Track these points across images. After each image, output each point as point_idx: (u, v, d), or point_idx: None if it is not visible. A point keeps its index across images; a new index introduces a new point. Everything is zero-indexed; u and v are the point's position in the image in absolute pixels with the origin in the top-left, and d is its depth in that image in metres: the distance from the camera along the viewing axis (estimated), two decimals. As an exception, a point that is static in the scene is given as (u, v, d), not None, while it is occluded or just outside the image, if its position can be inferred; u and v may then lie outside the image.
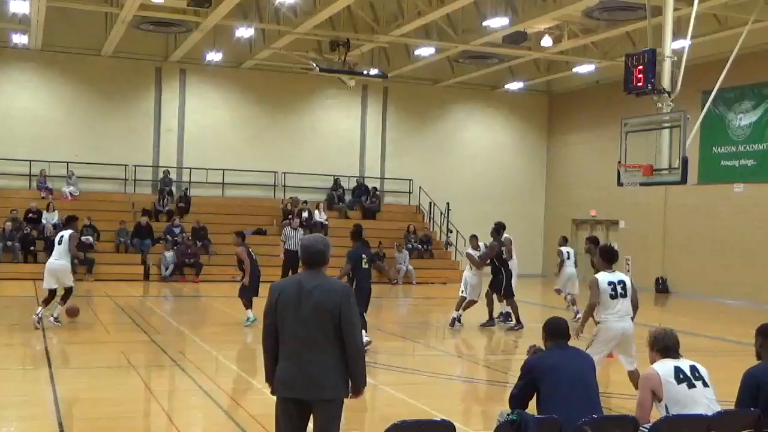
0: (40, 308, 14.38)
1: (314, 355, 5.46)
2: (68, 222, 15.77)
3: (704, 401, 5.99)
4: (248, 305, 15.56)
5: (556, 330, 6.53)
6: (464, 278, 16.36)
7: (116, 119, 28.26)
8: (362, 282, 12.65)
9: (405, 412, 8.73)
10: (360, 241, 13.33)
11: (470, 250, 16.79)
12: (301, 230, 22.04)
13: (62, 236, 14.79)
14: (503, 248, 16.14)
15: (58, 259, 14.58)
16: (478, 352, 14.70)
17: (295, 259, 21.26)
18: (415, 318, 18.70)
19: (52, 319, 14.51)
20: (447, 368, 12.62)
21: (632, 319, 9.10)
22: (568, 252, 18.10)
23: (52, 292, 14.66)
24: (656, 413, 6.09)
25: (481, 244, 16.83)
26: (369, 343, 12.36)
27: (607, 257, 9.32)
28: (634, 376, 9.28)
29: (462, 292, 16.24)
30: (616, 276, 9.12)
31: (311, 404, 5.50)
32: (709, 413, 5.87)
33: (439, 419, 5.72)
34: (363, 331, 13.16)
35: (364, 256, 13.04)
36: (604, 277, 9.09)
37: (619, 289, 9.00)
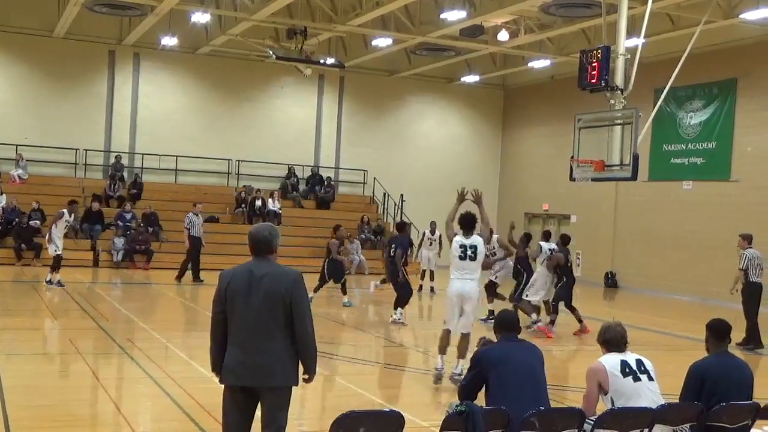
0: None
1: (263, 342, 5.44)
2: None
3: (649, 394, 6.10)
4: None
5: (505, 323, 6.59)
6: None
7: (68, 102, 27.78)
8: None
9: (355, 403, 8.74)
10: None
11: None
12: (201, 216, 21.77)
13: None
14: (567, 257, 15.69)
15: None
16: (429, 344, 14.75)
17: (199, 246, 21.20)
18: (367, 309, 18.72)
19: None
20: (398, 359, 12.66)
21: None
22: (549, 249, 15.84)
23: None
24: (602, 406, 6.19)
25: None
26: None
27: (462, 223, 10.18)
28: (462, 341, 9.92)
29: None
30: (469, 240, 9.88)
31: (259, 392, 5.48)
32: (654, 406, 5.97)
33: (388, 410, 5.75)
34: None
35: (392, 244, 15.93)
36: (457, 240, 9.91)
37: (470, 252, 9.77)
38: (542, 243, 15.97)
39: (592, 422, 5.80)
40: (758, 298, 14.88)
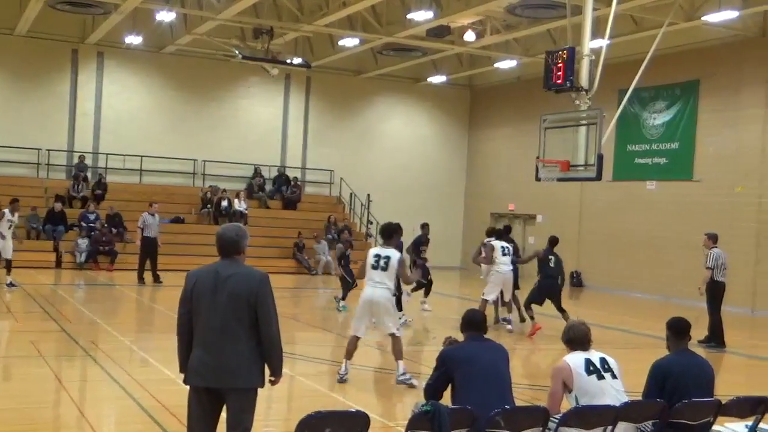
0: None
1: (228, 343, 5.40)
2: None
3: (612, 392, 6.15)
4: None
5: (471, 322, 6.62)
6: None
7: (30, 101, 27.41)
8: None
9: (321, 404, 8.72)
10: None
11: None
12: (158, 216, 21.47)
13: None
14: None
15: None
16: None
17: (153, 247, 21.00)
18: (334, 309, 18.69)
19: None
20: (364, 359, 12.64)
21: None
22: (503, 247, 15.76)
23: None
24: (567, 404, 6.23)
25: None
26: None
27: (381, 234, 10.69)
28: (394, 344, 10.27)
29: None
30: (384, 251, 10.16)
31: (224, 394, 5.45)
32: (617, 404, 6.02)
33: (354, 410, 5.74)
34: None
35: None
36: (371, 251, 10.36)
37: (382, 262, 10.05)
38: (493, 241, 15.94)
39: (557, 420, 5.83)
40: (721, 297, 15.08)
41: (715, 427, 6.51)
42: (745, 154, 22.07)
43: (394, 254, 10.17)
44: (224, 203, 27.84)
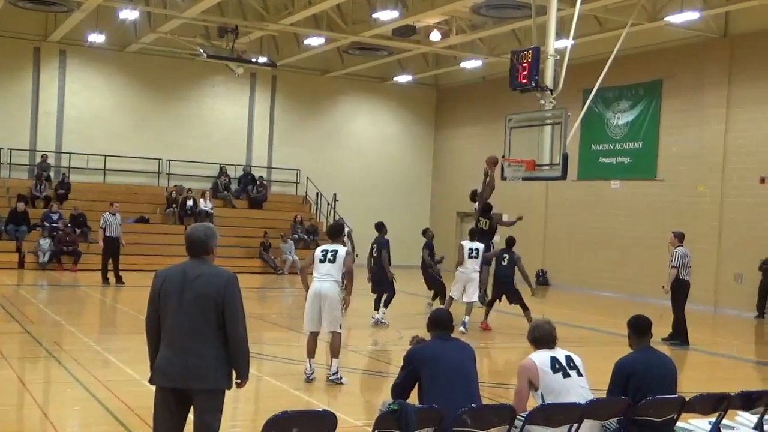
0: None
1: (195, 344, 5.36)
2: None
3: (578, 390, 6.20)
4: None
5: (438, 321, 6.62)
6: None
7: (-9, 100, 27.07)
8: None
9: (288, 403, 8.70)
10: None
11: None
12: (119, 216, 21.24)
13: None
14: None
15: None
16: (362, 343, 14.77)
17: (115, 247, 20.84)
18: (300, 308, 18.64)
19: None
20: (329, 359, 12.62)
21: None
22: (471, 249, 15.90)
23: None
24: (533, 402, 6.27)
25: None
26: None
27: (329, 232, 10.93)
28: (333, 340, 10.27)
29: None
30: (332, 246, 10.38)
31: (190, 395, 5.41)
32: (583, 401, 6.07)
33: (321, 410, 5.73)
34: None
35: (374, 245, 16.27)
36: (319, 248, 10.54)
37: (330, 255, 10.23)
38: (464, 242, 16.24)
39: (523, 418, 5.87)
40: (686, 295, 15.28)
41: (678, 424, 6.59)
42: (707, 154, 22.34)
43: (341, 248, 10.36)
44: (189, 203, 27.67)
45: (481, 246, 16.07)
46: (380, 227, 16.66)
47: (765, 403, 6.94)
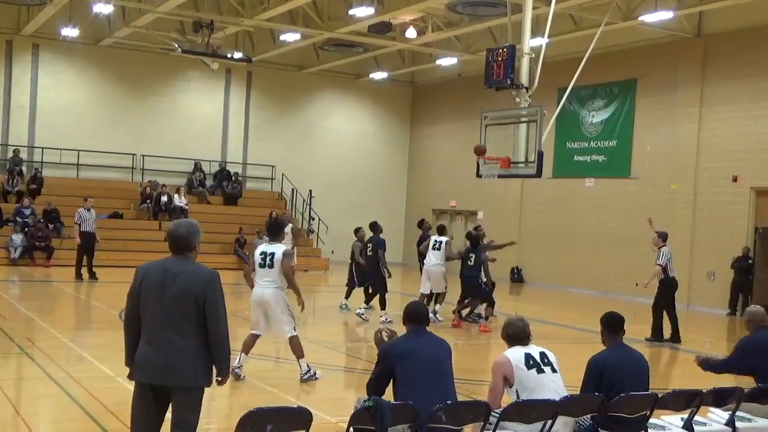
0: None
1: (175, 340, 5.34)
2: None
3: (552, 386, 6.23)
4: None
5: (413, 315, 6.58)
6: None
7: (-38, 94, 26.75)
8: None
9: (263, 400, 8.69)
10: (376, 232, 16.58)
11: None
12: (94, 211, 21.15)
13: None
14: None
15: None
16: (337, 339, 14.77)
17: (91, 242, 20.74)
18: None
19: None
20: (306, 355, 12.61)
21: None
22: (435, 241, 16.54)
23: None
24: (507, 398, 6.29)
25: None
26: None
27: (269, 231, 10.80)
28: (292, 345, 10.21)
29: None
30: (270, 248, 10.15)
31: (169, 391, 5.39)
32: (557, 398, 6.10)
33: (296, 406, 5.72)
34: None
35: (369, 244, 16.49)
36: (258, 248, 10.31)
37: (268, 260, 10.01)
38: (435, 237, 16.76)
39: (498, 415, 5.89)
40: (673, 293, 15.46)
41: (651, 420, 6.64)
42: (680, 152, 22.53)
43: (278, 249, 10.14)
44: (164, 198, 27.50)
45: (444, 239, 16.42)
46: (375, 227, 16.92)
47: (736, 399, 7.02)
